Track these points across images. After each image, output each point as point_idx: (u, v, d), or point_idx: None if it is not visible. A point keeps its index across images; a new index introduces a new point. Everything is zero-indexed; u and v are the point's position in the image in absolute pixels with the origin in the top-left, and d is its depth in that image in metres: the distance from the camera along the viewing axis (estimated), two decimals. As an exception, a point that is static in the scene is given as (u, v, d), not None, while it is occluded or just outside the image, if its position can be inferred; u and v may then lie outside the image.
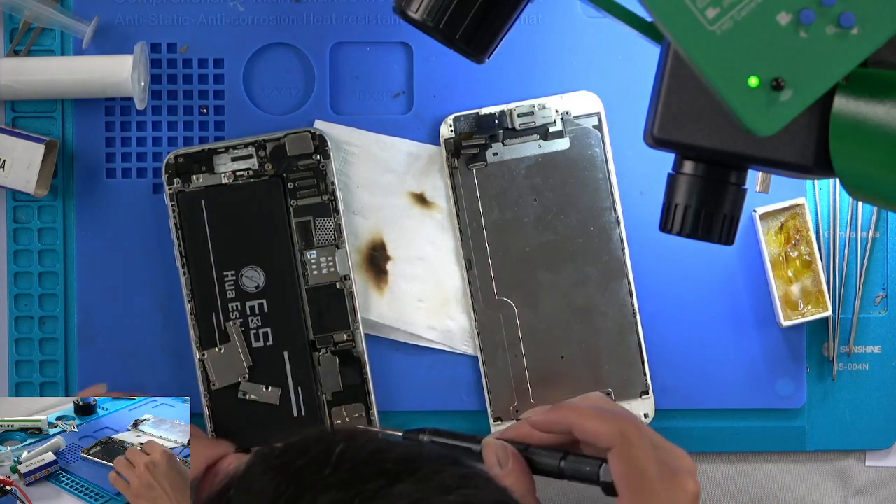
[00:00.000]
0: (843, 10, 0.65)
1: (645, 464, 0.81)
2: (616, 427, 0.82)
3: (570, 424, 0.84)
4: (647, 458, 0.81)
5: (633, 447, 0.81)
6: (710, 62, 0.65)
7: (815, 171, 0.72)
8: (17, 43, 0.96)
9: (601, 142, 0.96)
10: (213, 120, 0.97)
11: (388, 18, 0.97)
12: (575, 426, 0.83)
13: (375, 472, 0.61)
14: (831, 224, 0.97)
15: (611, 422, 0.82)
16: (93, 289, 0.96)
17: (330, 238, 0.95)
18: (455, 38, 0.78)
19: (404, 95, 0.97)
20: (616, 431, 0.81)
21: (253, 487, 0.62)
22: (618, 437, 0.81)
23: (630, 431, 0.81)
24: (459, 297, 0.96)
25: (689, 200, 0.74)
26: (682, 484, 0.82)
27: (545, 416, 0.85)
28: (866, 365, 0.98)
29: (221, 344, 0.95)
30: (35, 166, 0.93)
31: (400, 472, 0.61)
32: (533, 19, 0.97)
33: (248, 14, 0.97)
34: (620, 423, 0.82)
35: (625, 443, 0.81)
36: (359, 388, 0.95)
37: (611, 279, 0.96)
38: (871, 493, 0.98)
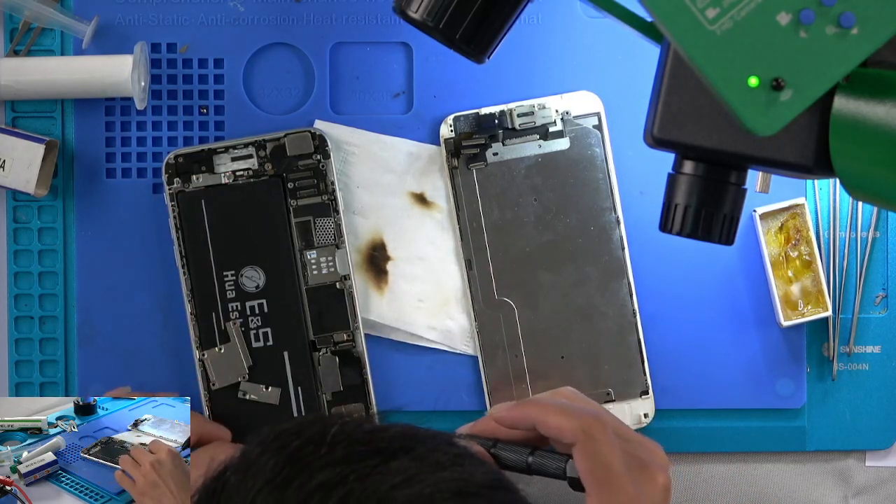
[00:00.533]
0: (843, 10, 0.65)
1: (609, 458, 0.80)
2: (578, 423, 0.81)
3: (533, 420, 0.83)
4: (612, 452, 0.80)
5: (597, 442, 0.81)
6: (710, 62, 0.65)
7: (815, 171, 0.72)
8: (17, 43, 0.96)
9: (601, 142, 0.96)
10: (213, 120, 0.97)
11: (388, 18, 0.97)
12: (538, 422, 0.83)
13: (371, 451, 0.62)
14: (831, 224, 0.97)
15: (573, 417, 0.82)
16: (93, 289, 0.96)
17: (330, 238, 0.95)
18: (455, 38, 0.78)
19: (404, 95, 0.97)
20: (577, 427, 0.81)
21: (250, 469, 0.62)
22: (580, 432, 0.81)
23: (593, 426, 0.81)
24: (459, 297, 0.96)
25: (689, 200, 0.74)
26: (652, 476, 0.81)
27: (508, 412, 0.85)
28: (866, 365, 0.98)
29: (221, 344, 0.95)
30: (35, 166, 0.93)
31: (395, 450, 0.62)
32: (533, 19, 0.97)
33: (248, 14, 0.97)
34: (583, 418, 0.82)
35: (587, 438, 0.81)
36: (359, 388, 0.95)
37: (611, 279, 0.96)
38: (871, 493, 0.98)
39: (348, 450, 0.62)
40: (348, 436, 0.62)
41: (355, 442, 0.62)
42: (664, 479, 0.82)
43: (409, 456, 0.62)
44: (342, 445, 0.62)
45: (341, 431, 0.63)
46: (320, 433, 0.63)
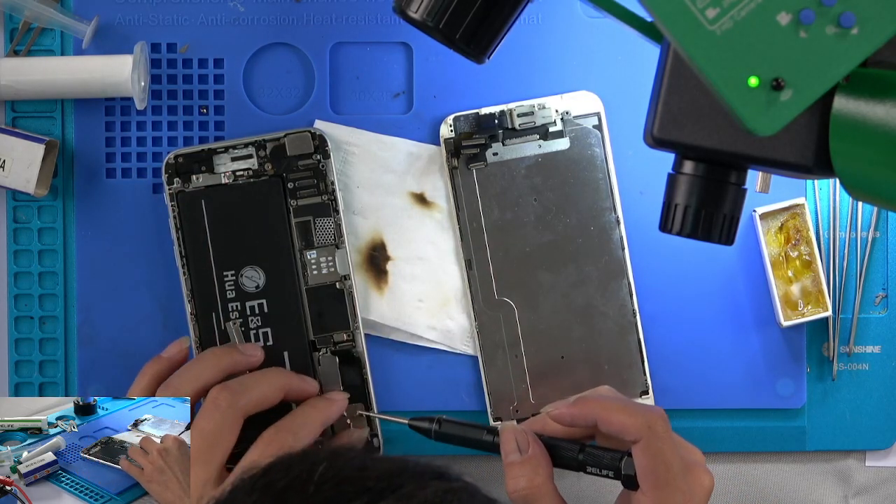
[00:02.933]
0: (843, 10, 0.65)
1: (670, 458, 0.80)
2: (644, 419, 0.81)
3: (595, 417, 0.83)
4: (673, 451, 0.81)
5: (660, 440, 0.81)
6: (710, 62, 0.65)
7: (815, 171, 0.72)
8: (17, 43, 0.96)
9: (601, 142, 0.96)
10: (213, 120, 0.97)
11: (388, 18, 0.97)
12: (601, 419, 0.83)
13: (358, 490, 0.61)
14: (831, 224, 0.97)
15: (638, 414, 0.82)
16: (93, 289, 0.96)
17: (330, 238, 0.95)
18: (455, 38, 0.78)
19: (404, 95, 0.97)
20: (644, 424, 0.81)
21: None
22: (645, 429, 0.81)
23: (657, 424, 0.81)
24: (459, 297, 0.96)
25: (689, 200, 0.74)
26: (699, 478, 0.82)
27: (569, 409, 0.84)
28: (866, 365, 0.98)
29: (221, 344, 0.95)
30: (35, 166, 0.93)
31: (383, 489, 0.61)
32: (533, 19, 0.97)
33: (248, 14, 0.97)
34: (647, 415, 0.81)
35: (653, 436, 0.81)
36: (359, 388, 0.95)
37: (611, 279, 0.96)
38: (871, 493, 0.98)
39: (335, 490, 0.61)
40: (336, 474, 0.62)
41: (343, 481, 0.61)
42: (710, 480, 0.82)
43: (395, 495, 0.61)
44: (329, 485, 0.61)
45: (329, 469, 0.62)
46: (308, 471, 0.62)
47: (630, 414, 0.82)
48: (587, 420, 0.84)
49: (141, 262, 0.96)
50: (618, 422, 0.82)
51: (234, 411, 0.87)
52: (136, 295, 0.96)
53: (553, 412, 0.85)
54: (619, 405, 0.83)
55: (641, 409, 0.82)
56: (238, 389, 0.88)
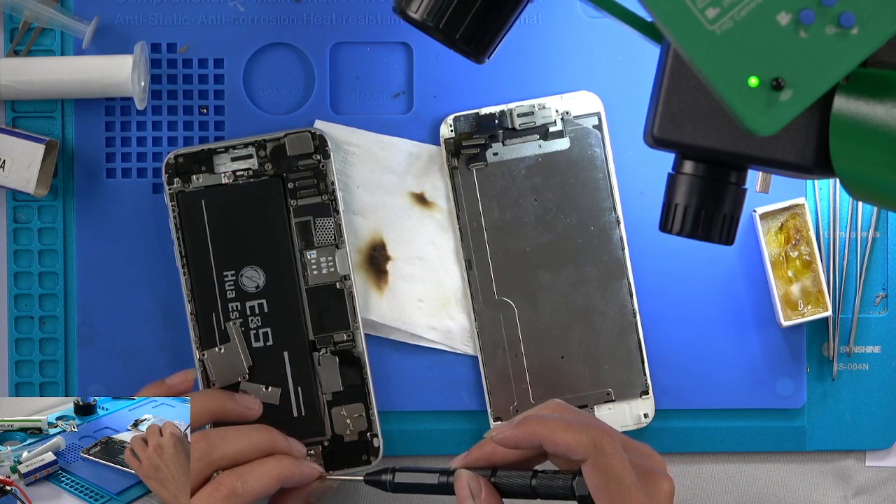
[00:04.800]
0: (843, 10, 0.65)
1: (621, 472, 0.78)
2: (588, 437, 0.79)
3: (538, 438, 0.80)
4: (622, 465, 0.78)
5: (608, 456, 0.78)
6: (710, 62, 0.65)
7: (815, 171, 0.72)
8: (17, 43, 0.96)
9: (601, 142, 0.96)
10: (213, 120, 0.97)
11: (388, 18, 0.97)
12: (545, 439, 0.80)
13: None
14: (831, 224, 0.97)
15: (581, 431, 0.79)
16: (93, 289, 0.96)
17: (330, 238, 0.95)
18: (455, 38, 0.78)
19: (404, 95, 0.97)
20: (588, 441, 0.78)
21: None
22: (591, 447, 0.78)
23: (602, 440, 0.78)
24: (459, 297, 0.96)
25: (689, 200, 0.74)
26: (658, 484, 0.80)
27: (512, 431, 0.81)
28: (866, 365, 0.98)
29: (221, 344, 0.95)
30: (35, 166, 0.93)
31: None
32: (533, 19, 0.97)
33: (248, 14, 0.97)
34: (591, 432, 0.79)
35: (599, 453, 0.78)
36: (359, 388, 0.95)
37: (611, 279, 0.96)
38: (871, 493, 0.98)
39: None
40: None
41: None
42: (669, 485, 0.80)
43: None
44: None
45: None
46: None
47: (574, 432, 0.79)
48: (532, 441, 0.81)
49: (141, 262, 0.96)
50: (562, 441, 0.79)
51: (202, 464, 0.86)
52: (136, 295, 0.96)
53: (497, 436, 0.82)
54: (562, 424, 0.80)
55: (585, 427, 0.79)
56: (216, 442, 0.87)
